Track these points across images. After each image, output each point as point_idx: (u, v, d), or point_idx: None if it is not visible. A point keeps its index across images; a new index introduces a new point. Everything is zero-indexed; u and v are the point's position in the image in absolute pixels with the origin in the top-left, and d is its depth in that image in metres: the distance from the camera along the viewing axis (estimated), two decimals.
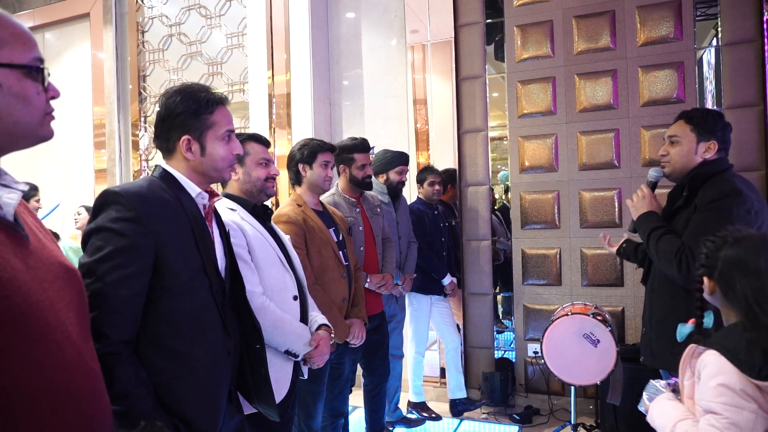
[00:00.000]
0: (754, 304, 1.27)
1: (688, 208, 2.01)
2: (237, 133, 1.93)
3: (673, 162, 2.09)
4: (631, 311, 3.57)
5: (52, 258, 0.93)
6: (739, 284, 1.30)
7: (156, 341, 1.28)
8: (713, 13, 3.42)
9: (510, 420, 3.58)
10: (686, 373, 1.41)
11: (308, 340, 1.90)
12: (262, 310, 1.77)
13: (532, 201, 3.83)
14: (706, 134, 2.03)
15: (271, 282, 1.88)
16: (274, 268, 1.91)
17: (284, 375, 1.88)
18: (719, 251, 1.37)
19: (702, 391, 1.29)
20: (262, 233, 1.93)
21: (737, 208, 1.87)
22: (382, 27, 4.28)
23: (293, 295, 1.94)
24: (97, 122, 5.05)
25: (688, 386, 1.40)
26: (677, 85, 3.47)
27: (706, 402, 1.27)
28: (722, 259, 1.36)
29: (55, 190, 5.16)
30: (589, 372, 2.84)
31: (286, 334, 1.84)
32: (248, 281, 1.76)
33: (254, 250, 1.87)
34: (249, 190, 1.98)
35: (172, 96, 1.43)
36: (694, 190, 2.01)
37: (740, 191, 1.90)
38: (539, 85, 3.80)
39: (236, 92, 4.65)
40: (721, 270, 1.36)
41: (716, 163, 2.03)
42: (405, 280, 3.24)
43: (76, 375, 0.89)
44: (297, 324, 1.90)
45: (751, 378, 1.21)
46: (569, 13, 3.72)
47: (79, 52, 5.19)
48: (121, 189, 1.29)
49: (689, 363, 1.39)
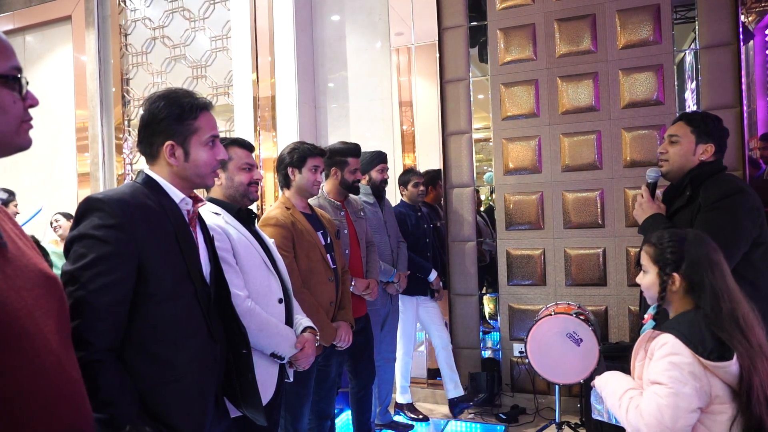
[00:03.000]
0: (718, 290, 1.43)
1: (690, 208, 2.06)
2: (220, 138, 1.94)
3: (672, 161, 2.15)
4: (614, 310, 3.62)
5: (31, 265, 0.92)
6: (707, 277, 1.45)
7: (141, 348, 1.28)
8: (692, 16, 3.48)
9: (496, 419, 3.61)
10: (639, 354, 1.54)
11: (294, 343, 1.91)
12: (248, 314, 1.78)
13: (517, 202, 3.86)
14: (705, 136, 2.09)
15: (256, 285, 1.89)
16: (259, 271, 1.92)
17: (269, 378, 1.89)
18: (682, 247, 1.49)
19: (653, 367, 1.42)
20: (247, 237, 1.93)
21: (744, 205, 1.95)
22: (367, 30, 4.30)
23: (278, 298, 1.95)
24: (80, 126, 5.00)
25: (639, 368, 1.53)
26: (657, 87, 3.52)
27: (654, 374, 1.41)
28: (688, 255, 1.48)
29: (38, 195, 5.11)
30: (573, 371, 2.88)
31: (272, 337, 1.85)
32: (234, 285, 1.76)
33: (239, 254, 1.87)
34: (232, 195, 1.99)
35: (156, 101, 1.42)
36: (695, 189, 2.06)
37: (743, 189, 1.99)
38: (522, 88, 3.84)
39: (221, 95, 4.64)
40: (689, 265, 1.48)
41: (714, 164, 2.09)
42: (400, 278, 3.27)
43: (55, 383, 0.89)
44: (282, 327, 1.91)
45: (701, 358, 1.35)
46: (551, 17, 3.76)
47: (61, 55, 5.13)
48: (104, 196, 1.29)
49: (644, 346, 1.52)
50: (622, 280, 3.60)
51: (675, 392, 1.34)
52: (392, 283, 3.21)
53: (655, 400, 1.37)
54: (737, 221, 1.94)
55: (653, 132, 3.52)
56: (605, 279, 3.65)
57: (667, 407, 1.34)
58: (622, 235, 3.58)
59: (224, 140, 1.94)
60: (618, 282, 3.61)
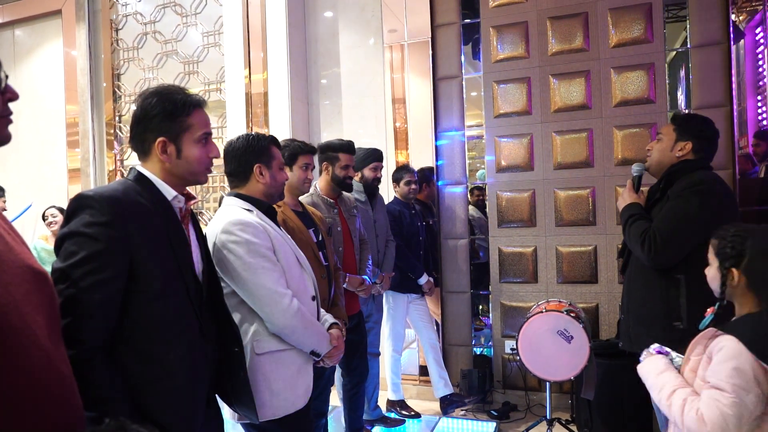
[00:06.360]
0: None
1: (663, 201, 2.17)
2: (257, 136, 1.93)
3: (653, 156, 2.29)
4: (605, 307, 3.64)
5: (19, 261, 0.91)
6: None
7: (132, 346, 1.27)
8: (683, 15, 3.50)
9: (488, 416, 3.63)
10: (697, 348, 1.50)
11: (329, 340, 1.92)
12: (297, 313, 1.78)
13: (509, 200, 3.88)
14: (684, 135, 2.20)
15: (294, 283, 1.87)
16: (295, 268, 1.91)
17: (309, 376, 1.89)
18: (745, 243, 1.45)
19: (714, 370, 1.37)
20: (282, 234, 1.93)
21: (701, 196, 2.05)
22: (360, 26, 4.29)
23: (312, 295, 1.96)
24: (70, 121, 4.96)
25: (695, 361, 1.49)
26: (648, 85, 3.54)
27: (716, 380, 1.35)
28: (751, 250, 1.44)
29: (27, 191, 5.06)
30: (564, 368, 2.89)
31: (314, 335, 1.85)
32: (280, 284, 1.76)
33: (279, 252, 1.85)
34: (272, 194, 1.98)
35: (149, 97, 1.41)
36: (669, 184, 2.17)
37: (706, 182, 2.08)
38: (515, 86, 3.85)
39: (213, 91, 4.62)
40: (751, 260, 1.43)
41: (693, 162, 2.19)
42: (383, 279, 3.26)
43: (43, 379, 0.88)
44: (319, 324, 1.91)
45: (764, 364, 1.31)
46: (544, 15, 3.77)
47: (51, 50, 5.08)
48: (95, 193, 1.28)
49: (704, 343, 1.47)
50: (613, 277, 3.62)
51: (739, 402, 1.31)
52: (374, 284, 3.17)
53: (719, 407, 1.33)
54: (689, 209, 2.04)
55: (644, 130, 3.54)
56: (596, 276, 3.67)
57: (732, 417, 1.31)
58: (613, 232, 3.61)
59: (266, 138, 1.95)
60: (609, 279, 3.63)
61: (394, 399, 3.71)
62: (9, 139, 0.94)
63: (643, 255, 2.11)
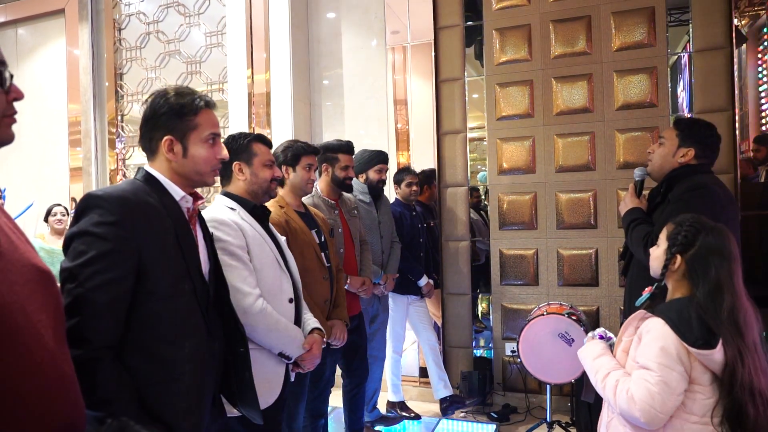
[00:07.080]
0: (723, 284, 1.47)
1: (663, 205, 2.18)
2: (237, 135, 1.93)
3: (654, 161, 2.28)
4: (605, 310, 3.65)
5: (24, 260, 0.91)
6: (715, 267, 1.48)
7: (139, 346, 1.28)
8: (686, 19, 3.51)
9: (488, 418, 3.63)
10: (628, 330, 1.62)
11: (302, 343, 1.92)
12: (260, 314, 1.78)
13: (510, 202, 3.88)
14: (686, 140, 2.19)
15: (268, 284, 1.88)
16: (272, 269, 1.91)
17: (276, 377, 1.89)
18: (697, 235, 1.54)
19: (642, 351, 1.49)
20: (261, 234, 1.93)
21: (702, 199, 2.05)
22: (363, 28, 4.29)
23: (289, 297, 1.95)
24: (73, 120, 4.96)
25: (626, 342, 1.61)
26: (650, 89, 3.55)
27: (644, 359, 1.47)
28: (701, 244, 1.52)
29: (29, 189, 5.06)
30: (564, 370, 2.91)
31: (282, 337, 1.85)
32: (247, 283, 1.77)
33: (253, 251, 1.86)
34: (255, 191, 1.98)
35: (159, 96, 1.43)
36: (670, 188, 2.18)
37: (707, 185, 2.09)
38: (517, 88, 3.86)
39: (215, 91, 4.62)
40: (698, 253, 1.52)
41: (695, 167, 2.19)
42: (387, 280, 3.26)
43: (47, 378, 0.88)
44: (291, 327, 1.91)
45: (687, 345, 1.42)
46: (546, 18, 3.78)
47: (54, 49, 5.08)
48: (104, 193, 1.28)
49: (635, 324, 1.59)
50: (613, 280, 3.63)
51: (664, 379, 1.42)
52: (378, 284, 3.18)
53: (646, 385, 1.44)
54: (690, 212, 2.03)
55: (646, 134, 3.55)
56: (597, 279, 3.68)
57: (658, 393, 1.42)
58: (614, 236, 3.61)
59: (247, 136, 1.95)
60: (610, 282, 3.64)
61: (395, 400, 3.71)
62: (12, 138, 0.94)
63: (645, 258, 2.12)
